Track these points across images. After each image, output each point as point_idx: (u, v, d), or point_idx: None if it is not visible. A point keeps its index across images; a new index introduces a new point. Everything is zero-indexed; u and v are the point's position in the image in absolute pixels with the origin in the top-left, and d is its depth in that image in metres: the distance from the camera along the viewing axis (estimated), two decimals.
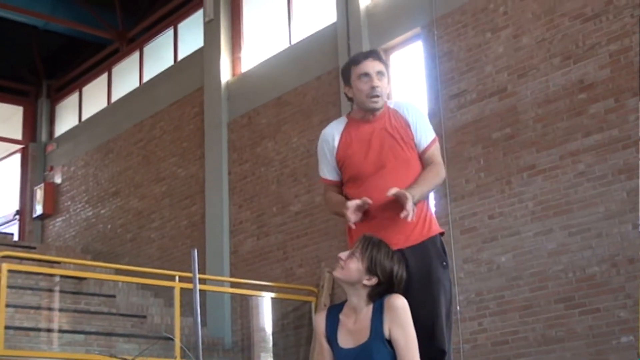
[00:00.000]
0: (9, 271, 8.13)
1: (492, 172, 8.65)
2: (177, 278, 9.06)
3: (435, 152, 4.03)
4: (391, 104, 4.04)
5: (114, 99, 14.86)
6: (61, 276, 10.34)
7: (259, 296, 10.32)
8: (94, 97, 15.42)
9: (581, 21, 8.17)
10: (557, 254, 7.95)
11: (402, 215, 3.66)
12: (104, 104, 15.03)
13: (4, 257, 8.40)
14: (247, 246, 11.22)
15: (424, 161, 3.98)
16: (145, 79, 14.18)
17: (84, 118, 15.58)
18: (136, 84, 14.35)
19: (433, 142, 4.03)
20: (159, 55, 14.10)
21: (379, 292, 3.60)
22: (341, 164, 4.00)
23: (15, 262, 9.37)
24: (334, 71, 10.48)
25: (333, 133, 4.03)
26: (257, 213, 11.23)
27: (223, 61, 12.16)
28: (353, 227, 3.81)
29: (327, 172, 4.07)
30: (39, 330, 9.13)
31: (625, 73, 7.75)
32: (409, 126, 3.97)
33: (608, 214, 7.66)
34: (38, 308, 9.54)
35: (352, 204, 3.80)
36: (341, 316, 3.71)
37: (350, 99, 4.09)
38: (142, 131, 13.69)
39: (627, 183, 7.61)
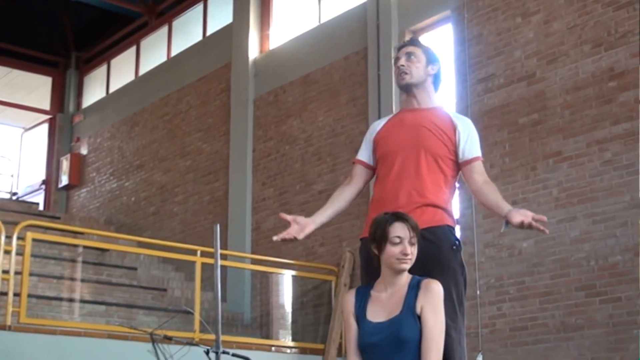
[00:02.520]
0: (33, 240, 8.21)
1: (517, 158, 8.60)
2: (198, 253, 9.10)
3: (483, 168, 4.08)
4: (449, 112, 4.14)
5: (141, 72, 14.91)
6: (84, 247, 10.44)
7: (280, 273, 10.36)
8: (122, 70, 15.48)
9: (614, 8, 8.07)
10: (580, 241, 7.90)
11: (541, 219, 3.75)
12: (132, 77, 15.09)
13: (28, 226, 8.48)
14: (269, 223, 11.25)
15: (469, 171, 4.05)
16: (173, 53, 14.21)
17: (111, 90, 15.66)
18: (164, 58, 14.38)
19: (479, 158, 4.08)
20: (188, 30, 14.11)
21: None
22: (376, 144, 4.13)
23: (39, 231, 9.46)
24: (362, 51, 10.44)
25: (381, 120, 4.24)
26: (280, 191, 11.25)
27: (251, 38, 12.15)
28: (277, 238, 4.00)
29: (361, 152, 4.22)
30: (60, 299, 9.24)
31: None
32: (454, 132, 4.03)
33: (634, 203, 7.59)
34: (61, 278, 9.64)
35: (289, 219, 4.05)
36: (372, 292, 3.77)
37: None
38: (168, 105, 13.74)
39: None
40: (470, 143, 4.04)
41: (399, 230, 3.68)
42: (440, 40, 9.85)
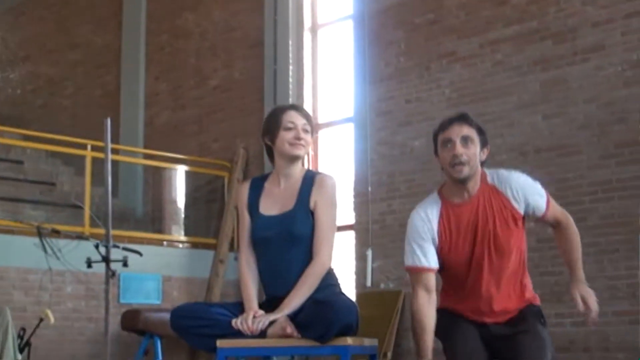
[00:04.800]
0: None
1: (412, 57, 8.66)
2: (89, 147, 8.95)
3: (557, 208, 3.67)
4: (491, 178, 3.61)
5: None
6: None
7: (172, 169, 10.28)
8: None
9: None
10: None
11: (592, 318, 3.46)
12: None
13: None
14: (162, 118, 11.08)
15: (550, 223, 3.70)
16: None
17: None
18: None
19: (548, 201, 3.62)
20: None
21: None
22: (438, 249, 3.59)
23: None
24: None
25: (432, 214, 3.60)
26: (174, 85, 11.06)
27: None
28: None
29: (427, 257, 3.57)
30: None
31: None
32: (511, 203, 3.55)
33: (521, 103, 7.80)
34: None
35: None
36: (266, 184, 3.78)
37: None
38: None
39: (541, 74, 7.74)
40: (532, 200, 3.57)
41: (293, 117, 3.72)
42: None
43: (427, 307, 3.53)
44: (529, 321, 3.53)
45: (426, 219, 3.58)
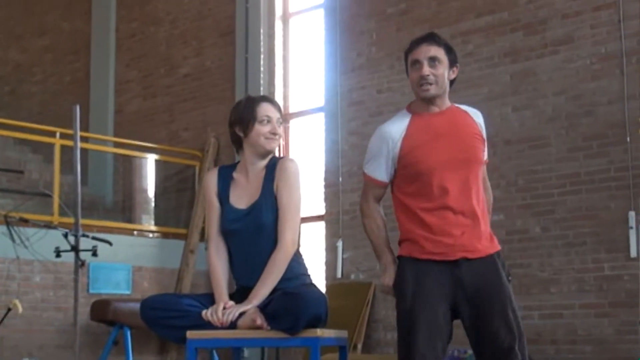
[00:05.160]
0: None
1: (383, 47, 8.67)
2: (57, 134, 8.87)
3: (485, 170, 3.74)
4: (461, 106, 3.66)
5: None
6: None
7: (143, 157, 10.22)
8: None
9: None
10: None
11: None
12: None
13: None
14: (132, 106, 11.01)
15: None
16: None
17: None
18: None
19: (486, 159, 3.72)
20: None
21: None
22: (405, 160, 3.52)
23: None
24: None
25: (396, 131, 3.54)
26: (144, 73, 10.98)
27: None
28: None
29: (382, 172, 3.58)
30: None
31: None
32: (479, 129, 3.60)
33: (491, 95, 7.84)
34: None
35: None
36: (235, 175, 3.77)
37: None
38: None
39: (511, 66, 7.79)
40: (485, 144, 3.64)
41: (268, 110, 3.71)
42: None
43: (377, 211, 3.71)
44: (502, 291, 3.46)
45: (388, 137, 3.55)
